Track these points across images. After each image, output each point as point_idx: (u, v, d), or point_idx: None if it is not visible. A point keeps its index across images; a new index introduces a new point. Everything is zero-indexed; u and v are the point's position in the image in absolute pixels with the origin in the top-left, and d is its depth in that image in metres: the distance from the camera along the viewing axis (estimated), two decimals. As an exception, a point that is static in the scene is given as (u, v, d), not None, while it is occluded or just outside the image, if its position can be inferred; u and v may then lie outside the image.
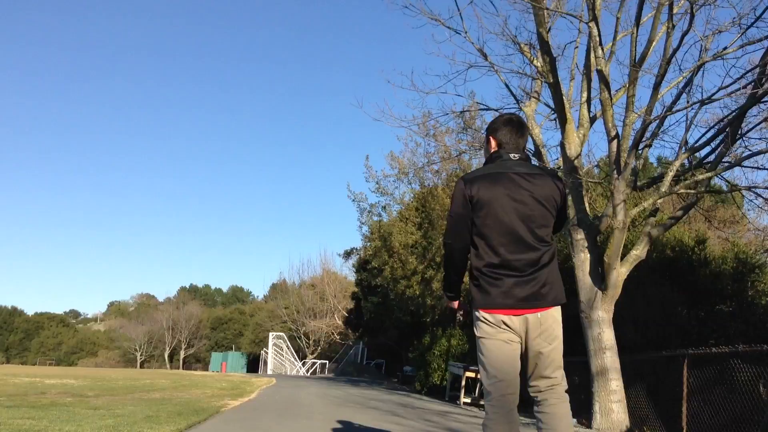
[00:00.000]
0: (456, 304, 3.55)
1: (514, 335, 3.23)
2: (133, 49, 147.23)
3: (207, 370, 57.32)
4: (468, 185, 3.27)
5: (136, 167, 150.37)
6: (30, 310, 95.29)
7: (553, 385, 3.32)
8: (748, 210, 17.62)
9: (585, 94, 11.52)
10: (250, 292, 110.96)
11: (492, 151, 3.46)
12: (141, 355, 74.72)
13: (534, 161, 12.13)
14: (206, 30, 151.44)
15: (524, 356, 3.31)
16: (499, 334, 3.20)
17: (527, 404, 3.31)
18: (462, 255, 3.35)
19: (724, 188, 11.33)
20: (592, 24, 9.98)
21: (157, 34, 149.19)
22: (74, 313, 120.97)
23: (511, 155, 3.38)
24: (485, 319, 3.22)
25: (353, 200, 24.63)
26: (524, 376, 3.36)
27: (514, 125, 3.45)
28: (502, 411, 3.16)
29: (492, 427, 3.13)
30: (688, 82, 9.80)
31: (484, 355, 3.23)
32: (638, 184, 10.58)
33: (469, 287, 3.32)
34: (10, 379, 16.82)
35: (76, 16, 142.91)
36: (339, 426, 6.95)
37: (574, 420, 11.35)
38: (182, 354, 74.11)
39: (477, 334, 3.27)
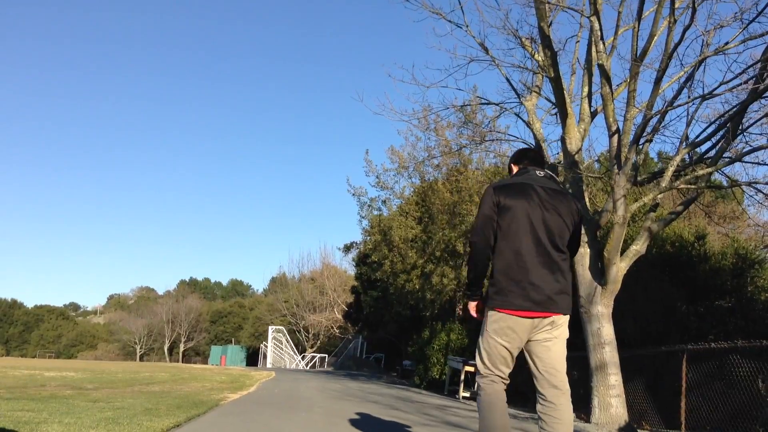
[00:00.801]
0: (475, 304, 3.66)
1: (521, 335, 3.46)
2: (131, 43, 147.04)
3: (206, 363, 57.42)
4: (497, 192, 3.55)
5: (136, 161, 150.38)
6: (30, 303, 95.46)
7: (560, 394, 3.49)
8: (749, 205, 17.61)
9: (586, 89, 11.50)
10: (250, 286, 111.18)
11: (518, 169, 3.83)
12: (140, 348, 74.86)
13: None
14: (207, 24, 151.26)
15: (529, 356, 3.60)
16: (508, 333, 3.43)
17: (525, 398, 3.34)
18: (485, 254, 3.52)
19: (725, 184, 11.32)
20: (594, 18, 9.95)
21: (159, 28, 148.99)
22: (74, 306, 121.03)
23: (537, 171, 3.70)
24: (497, 320, 3.44)
25: (353, 194, 24.60)
26: (529, 375, 3.59)
27: (535, 154, 3.96)
28: (493, 387, 3.51)
29: (489, 394, 3.48)
30: (690, 77, 9.78)
31: (490, 348, 3.48)
32: (638, 179, 10.57)
33: (488, 287, 3.51)
34: (10, 371, 16.84)
35: (77, 9, 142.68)
36: (338, 419, 6.96)
37: (573, 415, 11.39)
38: (182, 347, 74.25)
39: (487, 328, 3.48)
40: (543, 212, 3.49)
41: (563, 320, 3.49)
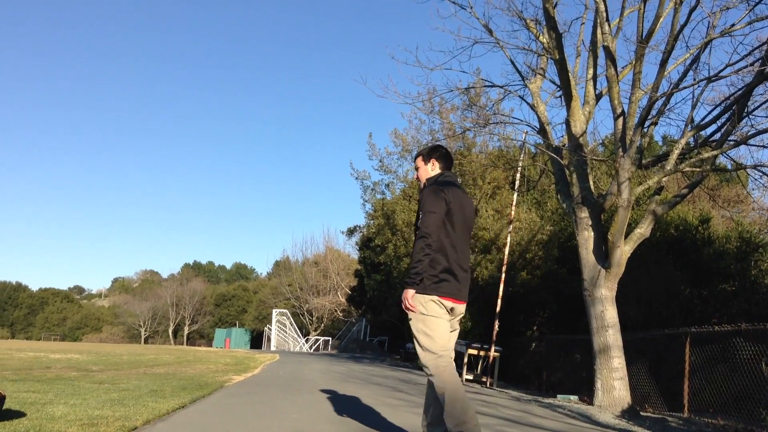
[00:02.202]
0: (413, 292, 3.92)
1: (449, 318, 4.00)
2: (134, 29, 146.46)
3: (211, 346, 57.71)
4: (446, 193, 3.95)
5: (140, 145, 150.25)
6: (34, 286, 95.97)
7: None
8: (753, 189, 17.59)
9: (591, 71, 11.43)
10: (254, 269, 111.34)
11: (441, 171, 4.26)
12: (145, 331, 75.24)
13: (538, 138, 12.10)
14: (210, 8, 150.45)
15: None
16: (445, 316, 3.94)
17: (528, 381, 3.33)
18: (433, 250, 3.89)
19: (730, 167, 11.26)
20: None
21: (163, 15, 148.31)
22: (78, 289, 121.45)
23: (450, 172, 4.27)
24: (439, 303, 3.90)
25: (356, 178, 24.61)
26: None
27: (448, 152, 4.38)
28: (451, 367, 3.93)
29: (452, 373, 3.88)
30: (695, 59, 9.72)
31: (432, 329, 3.91)
32: (643, 162, 10.53)
33: (428, 277, 3.89)
34: (16, 353, 16.95)
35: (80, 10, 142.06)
36: (342, 401, 6.99)
37: (576, 396, 11.42)
38: (186, 330, 74.60)
39: (427, 313, 3.90)
40: (467, 213, 4.05)
41: (463, 307, 4.08)
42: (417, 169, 4.33)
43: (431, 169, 4.26)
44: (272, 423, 5.08)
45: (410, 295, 3.89)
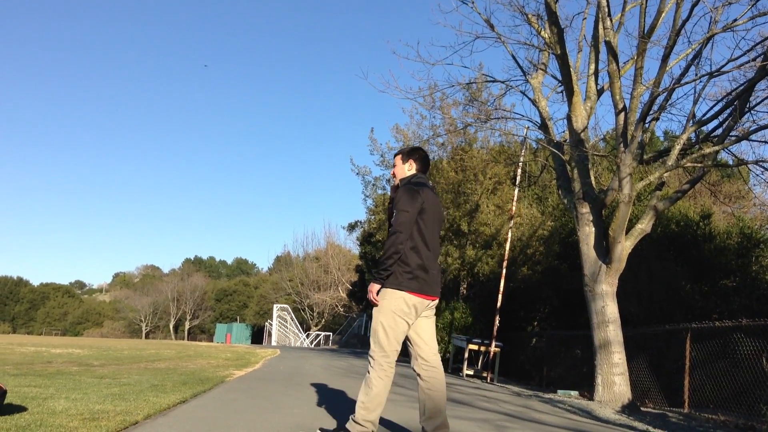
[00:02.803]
0: (378, 287, 4.02)
1: (417, 314, 4.09)
2: (140, 25, 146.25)
3: (212, 341, 57.77)
4: (421, 193, 4.08)
5: (141, 140, 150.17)
6: (36, 281, 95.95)
7: (438, 359, 4.23)
8: (755, 185, 17.55)
9: (593, 66, 11.42)
10: (255, 265, 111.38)
11: (416, 171, 4.36)
12: (146, 326, 75.27)
13: (540, 134, 12.08)
14: (211, 3, 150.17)
15: (415, 331, 4.19)
16: (410, 314, 4.03)
17: (529, 377, 3.33)
18: (404, 248, 4.01)
19: (731, 162, 11.26)
20: (601, -5, 9.85)
21: (167, 12, 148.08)
22: (79, 284, 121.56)
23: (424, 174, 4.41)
24: (407, 301, 3.99)
25: (357, 173, 24.55)
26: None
27: (426, 154, 4.47)
28: (392, 369, 4.05)
29: (389, 376, 4.03)
30: (697, 54, 9.70)
31: (392, 328, 4.00)
32: (645, 157, 10.51)
33: (396, 272, 4.00)
34: (17, 348, 16.97)
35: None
36: (343, 396, 7.00)
37: (576, 392, 11.44)
38: (187, 325, 74.63)
39: (392, 309, 3.98)
40: (438, 213, 4.21)
41: (437, 302, 4.22)
42: (394, 166, 4.44)
43: (408, 169, 4.38)
44: (273, 417, 5.09)
45: (375, 290, 4.01)
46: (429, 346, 4.18)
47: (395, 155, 4.48)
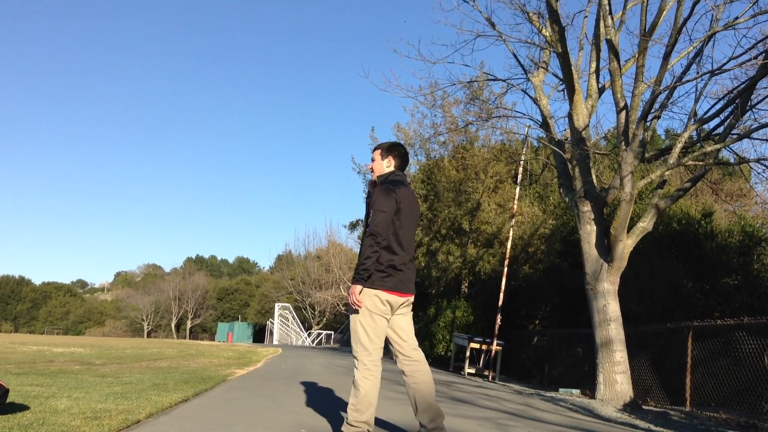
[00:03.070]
0: (360, 288, 4.03)
1: (393, 311, 4.15)
2: (142, 24, 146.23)
3: (213, 340, 57.81)
4: (397, 193, 4.10)
5: (143, 139, 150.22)
6: (37, 280, 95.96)
7: (419, 353, 4.30)
8: (756, 183, 17.53)
9: (594, 65, 11.40)
10: (256, 263, 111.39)
11: (394, 169, 4.37)
12: (148, 325, 75.31)
13: (541, 132, 12.07)
14: (213, 3, 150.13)
15: (392, 328, 4.25)
16: (387, 311, 4.08)
17: (530, 375, 3.33)
18: (381, 248, 4.03)
19: (732, 161, 11.24)
20: (602, -7, 9.83)
21: (170, 10, 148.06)
22: (81, 283, 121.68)
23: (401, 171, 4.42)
24: (383, 299, 4.03)
25: (358, 172, 24.54)
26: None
27: (406, 151, 4.48)
28: (378, 367, 4.08)
29: (375, 375, 4.04)
30: (699, 53, 9.68)
31: (372, 326, 4.04)
32: (646, 156, 10.50)
33: (375, 272, 4.03)
34: (19, 347, 16.99)
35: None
36: (344, 394, 7.00)
37: (578, 390, 11.44)
38: (189, 324, 74.67)
39: (371, 310, 4.02)
40: (414, 211, 4.25)
41: (412, 299, 4.27)
42: (373, 160, 4.44)
43: (386, 166, 4.38)
44: (275, 416, 5.09)
45: (358, 291, 4.01)
46: (408, 342, 4.25)
47: (374, 149, 4.47)
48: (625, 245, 9.97)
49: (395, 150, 4.41)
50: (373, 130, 36.82)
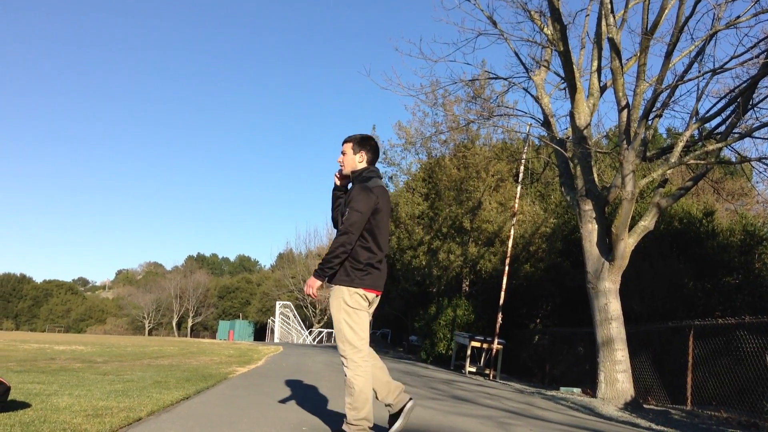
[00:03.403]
0: (319, 284, 4.11)
1: (368, 308, 4.21)
2: (151, 21, 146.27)
3: (215, 338, 57.80)
4: (374, 194, 4.11)
5: (144, 136, 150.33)
6: (39, 278, 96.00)
7: (371, 349, 4.31)
8: (758, 182, 17.53)
9: (595, 63, 11.40)
10: (257, 262, 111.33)
11: (366, 164, 4.33)
12: (149, 323, 75.39)
13: (542, 131, 12.07)
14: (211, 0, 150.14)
15: None
16: (367, 307, 4.15)
17: (531, 374, 3.33)
18: (352, 248, 4.08)
19: (734, 159, 11.23)
20: (604, -9, 9.83)
21: (175, 7, 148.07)
22: (82, 281, 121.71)
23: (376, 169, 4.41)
24: (363, 296, 4.09)
25: (359, 170, 24.54)
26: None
27: (377, 145, 4.44)
28: (368, 362, 4.11)
29: (367, 371, 4.07)
30: (700, 51, 9.67)
31: (357, 322, 4.08)
32: (647, 154, 10.50)
33: (350, 270, 4.10)
34: (20, 345, 17.01)
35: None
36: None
37: (579, 389, 11.44)
38: (190, 322, 74.75)
39: (352, 306, 4.07)
40: (389, 210, 4.31)
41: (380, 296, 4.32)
42: (343, 153, 4.37)
43: (359, 161, 4.33)
44: (276, 414, 5.10)
45: (316, 285, 4.08)
46: (365, 340, 4.28)
47: (345, 141, 4.38)
48: (627, 244, 9.96)
49: (367, 144, 4.35)
50: (374, 128, 36.78)
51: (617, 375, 9.74)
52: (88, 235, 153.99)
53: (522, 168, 16.23)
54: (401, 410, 4.22)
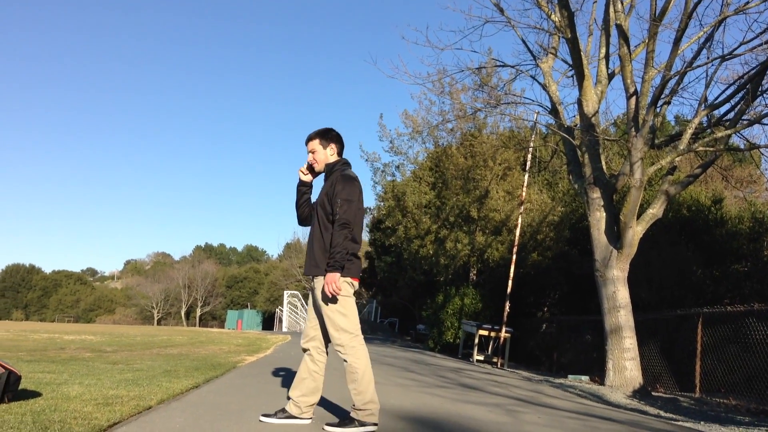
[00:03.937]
0: (339, 275, 4.10)
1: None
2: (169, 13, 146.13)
3: (223, 327, 58.07)
4: (358, 182, 4.27)
5: (151, 126, 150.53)
6: (48, 268, 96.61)
7: None
8: (766, 169, 17.41)
9: (603, 50, 11.33)
10: (265, 252, 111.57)
11: (337, 156, 4.46)
12: (158, 313, 75.76)
13: (550, 119, 12.02)
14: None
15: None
16: (353, 296, 4.29)
17: (539, 362, 3.32)
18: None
19: (743, 146, 11.17)
20: (612, -23, 9.75)
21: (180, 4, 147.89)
22: (91, 271, 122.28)
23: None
24: (350, 283, 4.21)
25: (366, 160, 24.51)
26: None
27: (341, 137, 4.52)
28: (364, 346, 4.19)
29: (366, 354, 4.15)
30: (709, 38, 9.60)
31: (348, 311, 4.17)
32: (656, 142, 10.44)
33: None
34: (30, 335, 17.12)
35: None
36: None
37: (587, 377, 11.44)
38: (198, 312, 75.06)
39: (345, 295, 4.16)
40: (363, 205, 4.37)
41: None
42: (313, 152, 4.41)
43: (330, 154, 4.41)
44: (285, 402, 5.11)
45: (338, 278, 4.06)
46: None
47: (309, 140, 4.43)
48: (635, 232, 9.93)
49: (332, 135, 4.43)
50: (381, 117, 36.78)
51: (626, 363, 9.74)
52: (97, 225, 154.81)
53: (529, 156, 16.18)
54: (293, 416, 4.34)
